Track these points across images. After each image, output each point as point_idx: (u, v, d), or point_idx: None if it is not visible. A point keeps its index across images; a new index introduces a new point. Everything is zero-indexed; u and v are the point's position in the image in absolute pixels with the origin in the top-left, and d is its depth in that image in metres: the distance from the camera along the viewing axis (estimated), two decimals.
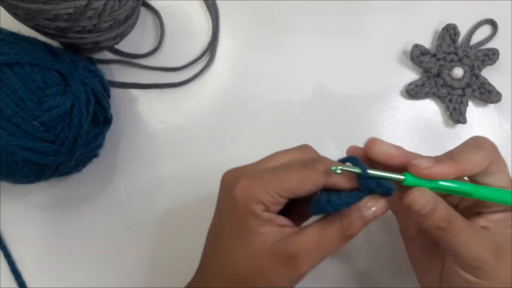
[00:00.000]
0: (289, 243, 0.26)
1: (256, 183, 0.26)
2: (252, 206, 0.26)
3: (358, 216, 0.26)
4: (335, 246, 0.27)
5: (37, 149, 0.33)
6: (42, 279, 0.39)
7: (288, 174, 0.26)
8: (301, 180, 0.26)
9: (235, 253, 0.27)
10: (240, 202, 0.26)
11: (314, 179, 0.26)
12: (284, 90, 0.43)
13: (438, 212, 0.26)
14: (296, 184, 0.26)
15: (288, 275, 0.26)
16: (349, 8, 0.44)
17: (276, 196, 0.26)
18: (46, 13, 0.32)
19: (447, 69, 0.41)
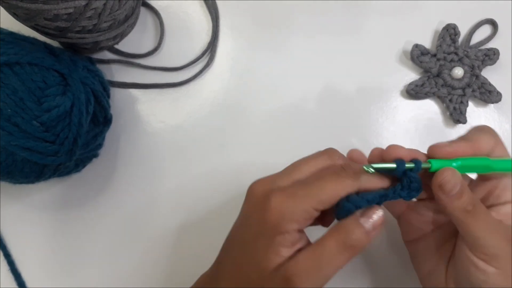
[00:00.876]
0: (288, 264, 0.25)
1: (290, 201, 0.26)
2: (285, 226, 0.25)
3: (356, 225, 0.26)
4: (336, 261, 0.25)
5: (37, 149, 0.33)
6: (42, 279, 0.39)
7: (322, 186, 0.26)
8: (335, 191, 0.26)
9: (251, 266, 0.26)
10: (272, 220, 0.25)
11: (347, 187, 0.26)
12: (284, 90, 0.42)
13: (467, 193, 0.27)
14: (331, 195, 0.26)
15: None
16: (349, 8, 0.44)
17: (312, 211, 0.26)
18: (46, 13, 0.32)
19: (447, 69, 0.41)
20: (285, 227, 0.25)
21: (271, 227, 0.25)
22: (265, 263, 0.25)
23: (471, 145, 0.29)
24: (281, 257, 0.25)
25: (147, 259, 0.39)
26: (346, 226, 0.26)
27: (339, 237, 0.25)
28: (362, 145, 0.41)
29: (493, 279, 0.27)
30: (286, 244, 0.25)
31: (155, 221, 0.40)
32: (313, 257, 0.25)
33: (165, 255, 0.40)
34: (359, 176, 0.27)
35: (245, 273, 0.27)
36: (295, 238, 0.26)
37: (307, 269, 0.25)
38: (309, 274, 0.25)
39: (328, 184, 0.26)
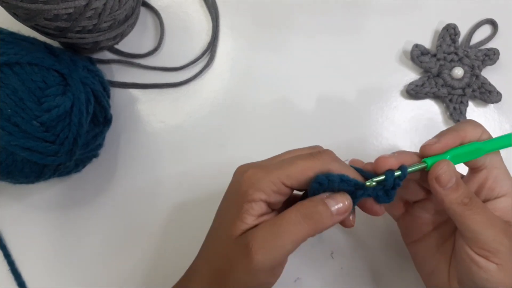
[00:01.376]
0: (249, 231, 0.26)
1: (261, 172, 0.27)
2: (251, 193, 0.26)
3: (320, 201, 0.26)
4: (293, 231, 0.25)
5: (37, 149, 0.33)
6: (42, 279, 0.39)
7: (292, 162, 0.27)
8: (305, 168, 0.27)
9: (217, 237, 0.28)
10: (242, 189, 0.27)
11: (316, 167, 0.27)
12: (284, 90, 0.43)
13: (463, 186, 0.28)
14: (300, 172, 0.26)
15: (246, 267, 0.25)
16: (349, 8, 0.44)
17: (279, 184, 0.26)
18: (46, 13, 0.32)
19: (447, 69, 0.41)
20: (252, 195, 0.26)
21: (241, 195, 0.27)
22: (231, 230, 0.26)
23: (457, 135, 0.29)
24: (246, 224, 0.26)
25: (147, 259, 0.39)
26: (310, 201, 0.26)
27: (300, 209, 0.26)
28: (362, 145, 0.41)
29: (495, 276, 0.27)
30: (252, 213, 0.26)
31: (155, 221, 0.40)
32: (272, 225, 0.26)
33: (165, 255, 0.40)
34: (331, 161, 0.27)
35: (213, 241, 0.28)
36: (262, 208, 0.26)
37: (264, 236, 0.25)
38: (265, 241, 0.25)
39: (299, 161, 0.27)
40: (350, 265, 0.39)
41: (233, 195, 0.28)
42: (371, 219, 0.39)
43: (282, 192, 0.27)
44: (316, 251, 0.39)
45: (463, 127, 0.30)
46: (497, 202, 0.29)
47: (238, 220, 0.26)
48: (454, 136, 0.29)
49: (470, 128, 0.30)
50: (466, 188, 0.28)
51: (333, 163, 0.27)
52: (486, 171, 0.30)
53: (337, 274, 0.39)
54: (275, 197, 0.27)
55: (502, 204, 0.29)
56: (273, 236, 0.25)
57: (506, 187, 0.29)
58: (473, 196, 0.28)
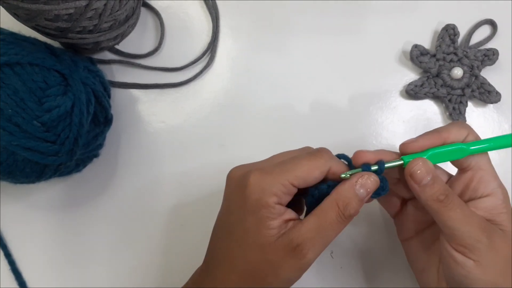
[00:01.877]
0: (292, 235, 0.27)
1: (268, 176, 0.27)
2: (266, 200, 0.27)
3: (352, 195, 0.28)
4: (336, 229, 0.28)
5: (37, 149, 0.33)
6: (43, 279, 0.39)
7: (298, 163, 0.28)
8: (310, 168, 0.28)
9: (245, 246, 0.28)
10: (252, 196, 0.27)
11: (320, 165, 0.28)
12: (284, 90, 0.43)
13: (438, 183, 0.28)
14: (306, 172, 0.28)
15: (296, 265, 0.27)
16: (349, 8, 0.44)
17: (289, 185, 0.27)
18: (47, 13, 0.32)
19: (447, 69, 0.42)
20: (266, 200, 0.27)
21: (253, 203, 0.27)
22: (261, 238, 0.27)
23: (438, 135, 0.30)
24: (274, 230, 0.27)
25: (147, 259, 0.39)
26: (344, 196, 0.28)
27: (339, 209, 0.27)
28: (362, 145, 0.41)
29: (472, 272, 0.27)
30: (273, 216, 0.27)
31: (156, 221, 0.40)
32: (317, 226, 0.27)
33: (166, 255, 0.40)
34: (330, 159, 0.29)
35: (241, 256, 0.28)
36: (280, 210, 0.27)
37: (313, 238, 0.27)
38: (314, 242, 0.27)
39: (303, 161, 0.28)
40: (350, 265, 0.39)
41: (241, 203, 0.28)
42: (371, 219, 0.39)
43: (291, 192, 0.28)
44: None
45: (447, 128, 0.30)
46: (480, 201, 0.29)
47: (263, 228, 0.27)
48: (435, 136, 0.30)
49: (454, 129, 0.30)
50: (443, 186, 0.28)
51: (332, 160, 0.29)
52: (471, 172, 0.30)
53: (337, 274, 0.39)
54: (286, 197, 0.28)
55: (485, 203, 0.29)
56: (320, 237, 0.27)
57: (491, 188, 0.30)
58: (450, 193, 0.28)
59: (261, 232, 0.27)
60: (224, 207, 0.30)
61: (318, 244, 0.27)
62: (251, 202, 0.27)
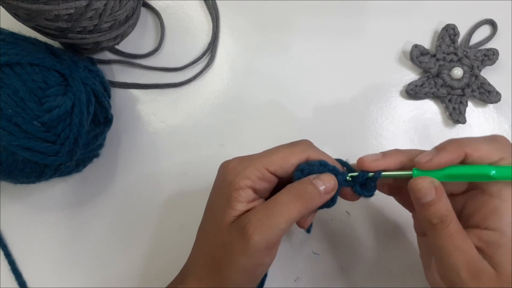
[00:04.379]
0: (244, 215, 0.27)
1: (246, 161, 0.29)
2: (238, 181, 0.27)
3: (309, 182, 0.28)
4: (286, 210, 0.27)
5: (37, 149, 0.33)
6: (43, 278, 0.39)
7: (274, 151, 0.29)
8: (286, 154, 0.29)
9: (212, 226, 0.29)
10: (228, 178, 0.28)
11: (297, 153, 0.29)
12: (284, 90, 0.43)
13: (436, 206, 0.27)
14: (282, 158, 0.28)
15: (243, 248, 0.26)
16: (349, 8, 0.44)
17: (263, 170, 0.28)
18: (47, 13, 0.33)
19: (447, 69, 0.42)
20: (238, 183, 0.27)
21: (228, 185, 0.28)
22: (223, 218, 0.27)
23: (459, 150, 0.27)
24: (237, 211, 0.27)
25: (148, 258, 0.39)
26: (299, 182, 0.28)
27: (291, 190, 0.27)
28: (361, 145, 0.41)
29: None
30: (241, 200, 0.27)
31: (156, 221, 0.40)
32: (265, 207, 0.27)
33: (166, 255, 0.40)
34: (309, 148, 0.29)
35: (207, 233, 0.29)
36: (249, 195, 0.28)
37: (259, 217, 0.26)
38: (260, 221, 0.26)
39: (280, 149, 0.29)
40: (350, 265, 0.39)
41: (220, 187, 0.29)
42: (371, 219, 0.39)
43: (266, 178, 0.28)
44: (316, 250, 0.39)
45: (475, 143, 0.27)
46: (485, 233, 0.27)
47: (228, 208, 0.27)
48: (454, 152, 0.27)
49: (485, 148, 0.27)
50: (442, 208, 0.27)
51: (311, 149, 0.29)
52: (488, 197, 0.27)
53: (337, 274, 0.39)
54: (261, 183, 0.28)
55: (489, 237, 0.27)
56: (267, 217, 0.26)
57: (502, 223, 0.27)
58: (448, 219, 0.27)
59: (226, 212, 0.27)
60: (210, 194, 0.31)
61: (265, 226, 0.26)
62: (225, 184, 0.28)
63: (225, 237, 0.27)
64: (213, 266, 0.28)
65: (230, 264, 0.27)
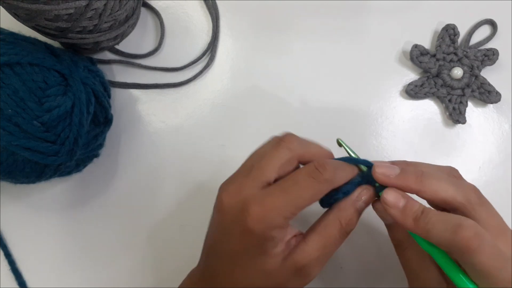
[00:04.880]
0: (297, 257, 0.27)
1: (270, 211, 0.26)
2: (271, 234, 0.26)
3: (353, 211, 0.28)
4: (338, 244, 0.28)
5: (37, 149, 0.33)
6: (43, 278, 0.39)
7: (300, 194, 0.27)
8: (313, 195, 0.27)
9: (250, 272, 0.28)
10: (256, 232, 0.26)
11: (324, 191, 0.28)
12: (284, 90, 0.43)
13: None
14: (309, 201, 0.27)
15: (300, 283, 0.28)
16: (349, 9, 0.44)
17: (291, 215, 0.27)
18: (47, 13, 0.33)
19: (447, 69, 0.42)
20: (270, 234, 0.27)
21: (258, 237, 0.26)
22: (266, 265, 0.27)
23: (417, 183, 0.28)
24: (278, 256, 0.27)
25: (147, 259, 0.39)
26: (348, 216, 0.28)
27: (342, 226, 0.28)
28: (361, 144, 0.41)
29: None
30: (278, 244, 0.27)
31: (156, 221, 0.40)
32: (321, 246, 0.27)
33: (166, 255, 0.40)
34: (334, 175, 0.28)
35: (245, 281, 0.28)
36: (284, 235, 0.27)
37: (317, 257, 0.27)
38: (318, 261, 0.27)
39: (306, 191, 0.27)
40: (350, 265, 0.39)
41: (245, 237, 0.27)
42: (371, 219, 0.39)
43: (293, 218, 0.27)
44: None
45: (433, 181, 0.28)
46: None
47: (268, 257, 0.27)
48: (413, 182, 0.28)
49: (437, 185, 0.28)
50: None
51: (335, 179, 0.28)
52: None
53: (337, 274, 0.39)
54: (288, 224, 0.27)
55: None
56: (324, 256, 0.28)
57: None
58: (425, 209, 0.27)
59: (266, 260, 0.27)
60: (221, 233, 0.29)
61: (322, 262, 0.28)
62: (256, 237, 0.27)
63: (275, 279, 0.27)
64: None
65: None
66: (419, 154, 0.41)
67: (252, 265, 0.27)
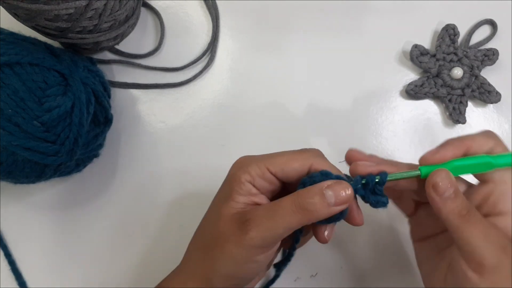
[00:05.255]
0: (246, 211, 0.28)
1: (249, 158, 0.29)
2: (239, 175, 0.28)
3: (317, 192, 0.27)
4: (287, 218, 0.26)
5: (37, 149, 0.33)
6: (43, 278, 0.39)
7: (280, 153, 0.29)
8: (289, 158, 0.29)
9: (210, 216, 0.30)
10: (231, 172, 0.29)
11: (301, 158, 0.28)
12: (283, 90, 0.43)
13: (461, 197, 0.27)
14: (285, 161, 0.28)
15: (239, 240, 0.27)
16: (349, 8, 0.44)
17: (264, 169, 0.28)
18: (47, 13, 0.33)
19: (447, 69, 0.42)
20: (240, 176, 0.28)
21: (230, 177, 0.29)
22: (223, 209, 0.28)
23: (461, 145, 0.28)
24: (238, 203, 0.28)
25: (147, 259, 0.39)
26: (307, 190, 0.27)
27: (296, 199, 0.27)
28: (361, 145, 0.41)
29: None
30: (242, 192, 0.28)
31: (156, 221, 0.40)
32: (269, 208, 0.27)
33: (166, 254, 0.40)
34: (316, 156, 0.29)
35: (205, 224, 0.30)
36: (250, 189, 0.28)
37: (260, 216, 0.27)
38: (261, 220, 0.27)
39: (286, 153, 0.29)
40: (350, 265, 0.39)
41: (225, 180, 0.30)
42: (371, 219, 0.39)
43: (267, 178, 0.28)
44: (316, 250, 0.39)
45: (472, 137, 0.29)
46: (497, 219, 0.28)
47: (230, 199, 0.28)
48: (457, 146, 0.28)
49: (480, 138, 0.29)
50: (465, 200, 0.27)
51: (317, 158, 0.29)
52: (493, 184, 0.28)
53: (337, 274, 0.39)
54: (260, 181, 0.28)
55: (503, 222, 0.27)
56: (267, 218, 0.27)
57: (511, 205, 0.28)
58: (472, 208, 0.27)
59: (227, 203, 0.28)
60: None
61: (264, 224, 0.26)
62: (229, 178, 0.29)
63: (223, 227, 0.28)
64: (205, 255, 0.28)
65: (222, 252, 0.27)
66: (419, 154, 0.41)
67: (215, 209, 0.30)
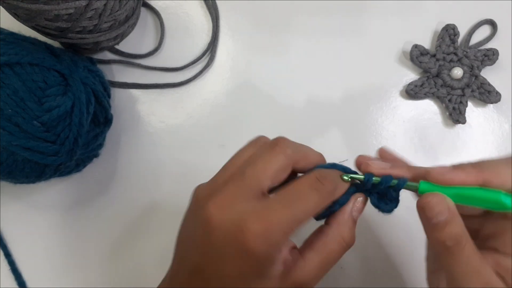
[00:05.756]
0: (297, 276, 0.25)
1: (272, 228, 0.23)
2: (273, 255, 0.24)
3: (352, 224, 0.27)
4: (338, 260, 0.27)
5: (37, 149, 0.33)
6: (43, 279, 0.39)
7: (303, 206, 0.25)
8: (316, 209, 0.25)
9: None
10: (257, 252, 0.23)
11: (326, 204, 0.26)
12: (283, 90, 0.43)
13: (451, 227, 0.24)
14: (312, 214, 0.25)
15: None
16: (349, 8, 0.44)
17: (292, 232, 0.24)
18: (47, 13, 0.33)
19: (447, 69, 0.42)
20: (272, 256, 0.24)
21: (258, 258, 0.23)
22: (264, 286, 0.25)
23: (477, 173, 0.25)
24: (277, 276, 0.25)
25: (147, 259, 0.39)
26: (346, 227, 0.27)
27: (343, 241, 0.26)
28: (361, 145, 0.41)
29: None
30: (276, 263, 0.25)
31: (156, 221, 0.40)
32: (321, 264, 0.26)
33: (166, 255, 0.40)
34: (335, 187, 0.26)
35: None
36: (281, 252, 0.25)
37: (317, 275, 0.26)
38: (318, 278, 0.26)
39: (309, 204, 0.25)
40: (350, 265, 0.39)
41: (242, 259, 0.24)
42: (371, 219, 0.39)
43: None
44: None
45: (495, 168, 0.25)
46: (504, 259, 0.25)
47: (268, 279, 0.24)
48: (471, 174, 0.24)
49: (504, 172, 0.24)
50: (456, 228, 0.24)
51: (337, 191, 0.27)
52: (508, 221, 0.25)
53: (337, 274, 0.39)
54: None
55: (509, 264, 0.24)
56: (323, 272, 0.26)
57: None
58: (463, 240, 0.24)
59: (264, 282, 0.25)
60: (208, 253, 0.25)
61: (320, 277, 0.26)
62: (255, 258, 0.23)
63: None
64: None
65: None
66: (419, 154, 0.41)
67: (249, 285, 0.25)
